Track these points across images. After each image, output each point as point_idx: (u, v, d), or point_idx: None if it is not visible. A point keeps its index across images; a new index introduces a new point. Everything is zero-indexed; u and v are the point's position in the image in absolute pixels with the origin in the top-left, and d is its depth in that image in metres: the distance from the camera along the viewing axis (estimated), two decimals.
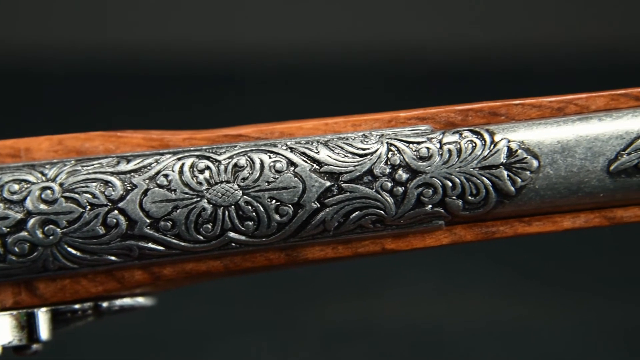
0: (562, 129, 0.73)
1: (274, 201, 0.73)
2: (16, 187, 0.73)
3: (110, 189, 0.73)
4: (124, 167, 0.73)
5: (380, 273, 1.63)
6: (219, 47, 2.33)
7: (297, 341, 1.53)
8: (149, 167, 0.74)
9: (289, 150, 0.74)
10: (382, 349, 1.51)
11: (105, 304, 0.78)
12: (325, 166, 0.73)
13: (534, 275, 1.67)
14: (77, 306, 0.76)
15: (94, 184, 0.73)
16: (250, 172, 0.73)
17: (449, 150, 0.73)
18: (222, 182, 0.73)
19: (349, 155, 0.74)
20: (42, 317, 0.76)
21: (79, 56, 2.22)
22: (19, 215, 0.73)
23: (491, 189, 0.73)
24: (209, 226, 0.73)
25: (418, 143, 0.74)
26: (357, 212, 0.74)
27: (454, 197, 0.73)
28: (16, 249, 0.73)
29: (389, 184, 0.73)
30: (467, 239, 0.76)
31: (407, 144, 0.74)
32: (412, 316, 1.56)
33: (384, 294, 1.61)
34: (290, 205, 0.73)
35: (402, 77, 2.23)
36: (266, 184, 0.73)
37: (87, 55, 2.23)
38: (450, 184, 0.73)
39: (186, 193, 0.73)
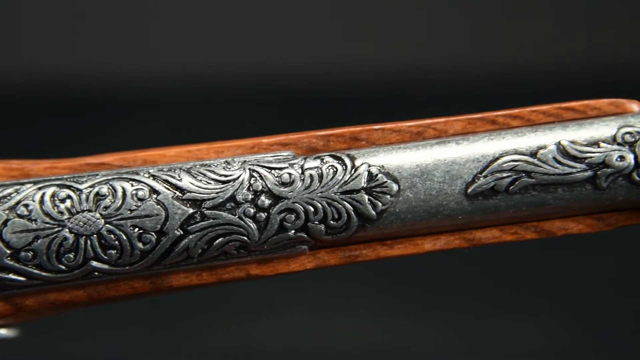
0: (421, 153, 0.75)
1: (136, 229, 0.73)
2: None
3: None
4: None
5: (262, 297, 1.63)
6: (88, 74, 2.32)
7: None
8: (8, 197, 0.73)
9: (152, 178, 0.74)
10: None
11: None
12: (188, 193, 0.73)
13: (415, 296, 1.69)
14: None
15: None
16: (112, 200, 0.73)
17: (311, 176, 0.74)
18: (83, 211, 0.73)
19: (212, 182, 0.74)
20: None
21: None
22: None
23: (352, 213, 0.74)
24: (71, 256, 0.73)
25: (280, 169, 0.74)
26: (220, 239, 0.74)
27: (316, 222, 0.74)
28: None
29: (252, 210, 0.74)
30: (330, 263, 0.76)
31: (269, 170, 0.74)
32: (294, 339, 1.56)
33: (266, 319, 1.61)
34: (153, 233, 0.73)
35: (272, 102, 2.24)
36: (128, 212, 0.73)
37: None
38: (312, 209, 0.74)
39: (47, 223, 0.72)
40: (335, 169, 0.74)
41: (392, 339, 1.57)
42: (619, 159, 0.74)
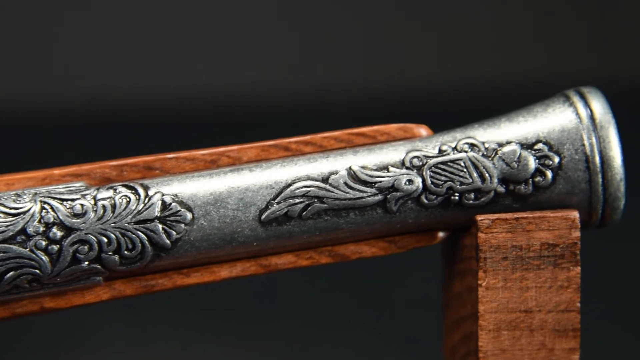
0: (215, 181, 0.75)
1: None
2: None
3: None
4: None
5: (73, 328, 1.60)
6: None
7: None
8: None
9: None
10: None
11: None
12: None
13: (229, 321, 1.69)
14: None
15: None
16: None
17: (104, 206, 0.73)
18: None
19: (1, 215, 0.72)
20: None
21: None
22: None
23: (147, 243, 0.74)
24: None
25: (72, 200, 0.73)
26: (11, 273, 0.72)
27: (110, 253, 0.73)
28: None
29: (44, 243, 0.72)
30: (127, 294, 0.76)
31: (61, 202, 0.73)
32: None
33: (78, 350, 1.59)
34: None
35: (77, 131, 2.22)
36: None
37: None
38: (105, 240, 0.73)
39: None
40: (128, 199, 0.74)
41: None
42: (407, 183, 0.75)
